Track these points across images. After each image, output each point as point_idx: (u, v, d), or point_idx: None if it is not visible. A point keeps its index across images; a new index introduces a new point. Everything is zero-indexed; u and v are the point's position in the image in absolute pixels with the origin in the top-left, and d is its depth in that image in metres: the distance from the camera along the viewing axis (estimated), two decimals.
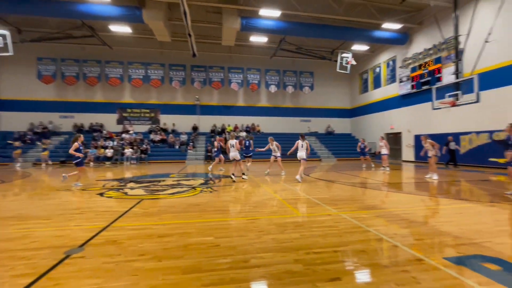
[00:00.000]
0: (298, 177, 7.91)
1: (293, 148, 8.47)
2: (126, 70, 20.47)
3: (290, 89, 23.06)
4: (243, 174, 8.80)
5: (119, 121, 21.04)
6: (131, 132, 19.82)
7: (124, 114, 21.13)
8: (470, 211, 4.49)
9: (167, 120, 21.62)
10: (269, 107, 23.52)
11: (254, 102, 23.24)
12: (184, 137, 20.25)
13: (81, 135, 7.50)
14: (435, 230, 3.46)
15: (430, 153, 8.70)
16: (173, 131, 21.25)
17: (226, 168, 12.53)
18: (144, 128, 21.20)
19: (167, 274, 2.30)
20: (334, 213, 4.35)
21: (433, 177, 8.25)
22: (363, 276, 2.29)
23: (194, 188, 7.12)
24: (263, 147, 10.53)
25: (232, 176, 8.18)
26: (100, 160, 16.70)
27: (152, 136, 20.00)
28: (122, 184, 8.04)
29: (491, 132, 12.19)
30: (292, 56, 21.93)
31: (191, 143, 19.66)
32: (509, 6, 10.92)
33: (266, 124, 23.12)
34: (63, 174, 7.45)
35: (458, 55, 11.11)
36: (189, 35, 14.16)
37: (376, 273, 2.31)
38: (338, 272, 2.31)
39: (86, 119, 20.57)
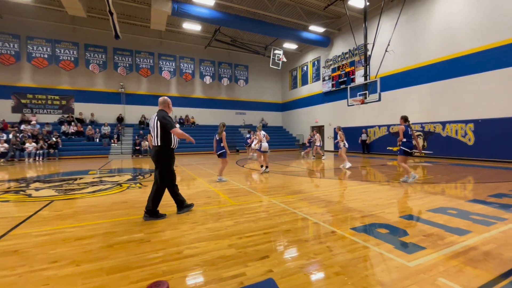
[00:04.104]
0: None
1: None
2: (24, 46, 16.62)
3: (225, 81, 23.00)
4: (262, 166, 8.38)
5: (16, 109, 17.08)
6: (33, 122, 16.38)
7: (23, 101, 17.24)
8: (371, 190, 5.50)
9: (83, 109, 18.68)
10: (204, 99, 22.99)
11: (188, 93, 22.30)
12: (106, 129, 17.94)
13: None
14: (345, 207, 4.13)
15: (340, 144, 9.90)
16: (92, 122, 18.56)
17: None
18: (52, 118, 17.81)
19: (88, 278, 2.09)
20: (265, 200, 4.68)
21: (346, 165, 9.36)
22: (288, 251, 2.58)
23: (120, 184, 6.49)
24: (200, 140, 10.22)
25: (265, 169, 8.28)
26: None
27: (64, 127, 17.00)
28: (23, 185, 6.66)
29: (388, 126, 15.00)
30: (227, 48, 21.87)
31: (115, 136, 17.61)
32: (401, 23, 13.47)
33: (201, 116, 22.58)
34: None
35: (367, 60, 13.16)
36: (110, 13, 12.42)
37: (298, 247, 2.64)
38: (267, 251, 2.54)
39: None
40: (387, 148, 14.83)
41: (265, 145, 8.21)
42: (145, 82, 20.68)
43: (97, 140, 17.13)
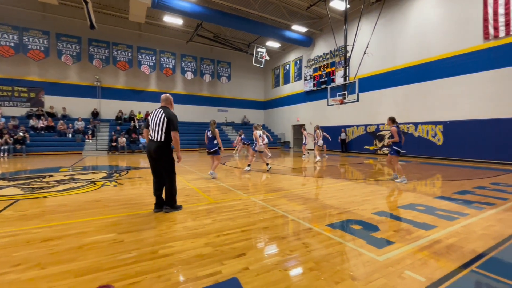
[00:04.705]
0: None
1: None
2: None
3: (207, 77, 22.66)
4: (249, 165, 8.28)
5: None
6: None
7: None
8: (348, 187, 5.69)
9: (54, 102, 17.59)
10: (185, 95, 22.51)
11: (168, 88, 21.72)
12: (80, 124, 17.05)
13: None
14: (322, 204, 4.24)
15: (317, 141, 11.57)
16: (64, 117, 17.55)
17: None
18: (20, 111, 16.63)
19: (54, 281, 1.99)
20: (245, 197, 4.69)
21: (317, 158, 11.06)
22: (264, 248, 2.61)
23: (93, 182, 6.20)
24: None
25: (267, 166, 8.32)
26: None
27: (33, 121, 15.93)
28: None
29: (365, 125, 15.56)
30: (210, 44, 21.53)
31: (90, 131, 16.79)
32: (379, 27, 13.97)
33: (182, 112, 22.05)
34: None
35: (346, 61, 13.53)
36: (85, 1, 11.79)
37: (275, 245, 2.68)
38: (244, 249, 2.55)
39: None
40: (364, 147, 15.45)
41: (260, 145, 8.29)
42: (123, 76, 19.86)
43: (70, 135, 16.24)
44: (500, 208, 4.02)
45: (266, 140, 13.39)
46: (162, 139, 3.68)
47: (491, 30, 10.19)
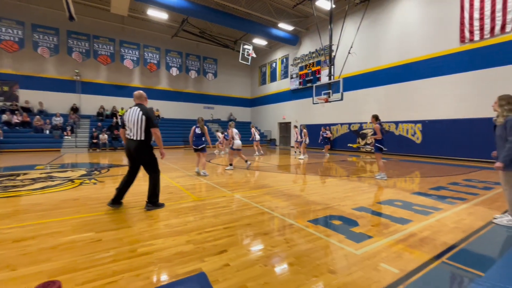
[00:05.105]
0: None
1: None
2: None
3: (193, 73, 22.30)
4: (230, 164, 8.06)
5: None
6: None
7: None
8: (331, 184, 5.82)
9: (30, 97, 16.69)
10: (170, 91, 22.04)
11: (152, 84, 21.18)
12: (58, 120, 16.30)
13: None
14: (305, 201, 4.31)
15: (304, 140, 11.85)
16: (41, 112, 16.72)
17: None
18: None
19: (25, 282, 1.91)
20: (229, 195, 4.68)
21: (302, 157, 11.40)
22: (246, 245, 2.62)
23: (72, 180, 5.97)
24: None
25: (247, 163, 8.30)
26: None
27: (6, 117, 15.06)
28: None
29: (349, 124, 15.92)
30: (196, 40, 21.17)
31: (69, 128, 16.11)
32: (363, 28, 14.29)
33: (166, 108, 21.63)
34: None
35: (331, 60, 13.76)
36: None
37: (257, 241, 2.70)
38: (225, 246, 2.55)
39: None
40: (348, 145, 15.79)
41: (238, 142, 8.04)
42: (105, 70, 19.14)
43: (47, 132, 15.51)
44: (471, 203, 4.25)
45: (258, 137, 13.44)
46: (142, 138, 3.63)
47: (467, 34, 10.68)
